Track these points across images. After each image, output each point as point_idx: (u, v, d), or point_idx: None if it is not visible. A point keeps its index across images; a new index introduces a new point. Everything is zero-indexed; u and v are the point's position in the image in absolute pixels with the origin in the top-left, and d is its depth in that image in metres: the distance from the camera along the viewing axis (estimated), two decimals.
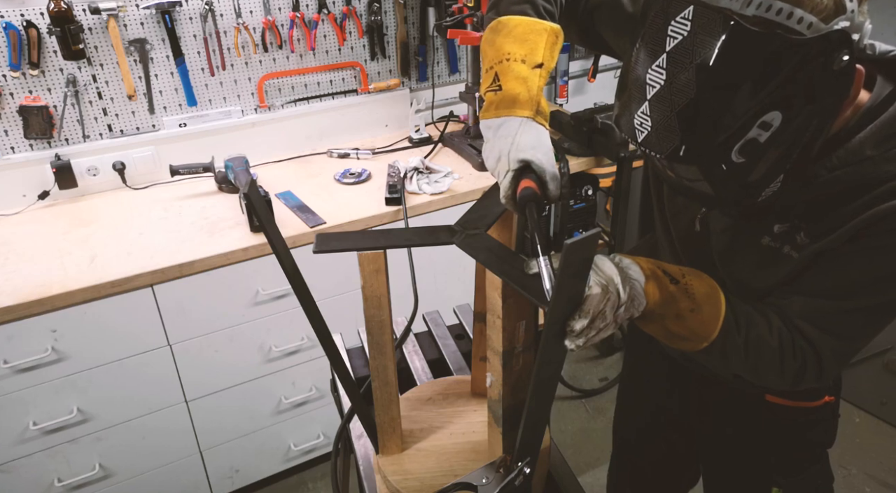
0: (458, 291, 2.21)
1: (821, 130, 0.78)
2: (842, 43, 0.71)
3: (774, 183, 0.80)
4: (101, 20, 1.95)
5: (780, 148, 0.75)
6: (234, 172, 1.97)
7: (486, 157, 0.89)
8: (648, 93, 0.75)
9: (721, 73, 0.70)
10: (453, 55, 2.55)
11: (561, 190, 0.87)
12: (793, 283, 0.93)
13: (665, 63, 0.73)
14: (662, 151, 0.76)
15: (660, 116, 0.74)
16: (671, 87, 0.73)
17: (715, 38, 0.70)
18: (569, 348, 0.76)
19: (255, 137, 2.30)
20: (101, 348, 1.76)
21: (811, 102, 0.73)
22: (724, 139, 0.73)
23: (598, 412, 2.64)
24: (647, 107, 0.75)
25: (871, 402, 2.55)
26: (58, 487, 1.86)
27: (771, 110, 0.71)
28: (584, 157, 2.29)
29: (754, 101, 0.71)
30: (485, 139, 0.90)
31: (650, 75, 0.74)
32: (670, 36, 0.73)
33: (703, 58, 0.70)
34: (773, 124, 0.72)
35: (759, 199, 0.82)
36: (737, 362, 0.91)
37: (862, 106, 0.85)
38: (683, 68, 0.72)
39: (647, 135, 0.76)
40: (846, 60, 0.72)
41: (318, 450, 2.28)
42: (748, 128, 0.72)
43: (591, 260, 0.73)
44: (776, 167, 0.78)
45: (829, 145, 0.84)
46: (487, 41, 0.95)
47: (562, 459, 1.10)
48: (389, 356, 0.94)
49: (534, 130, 0.86)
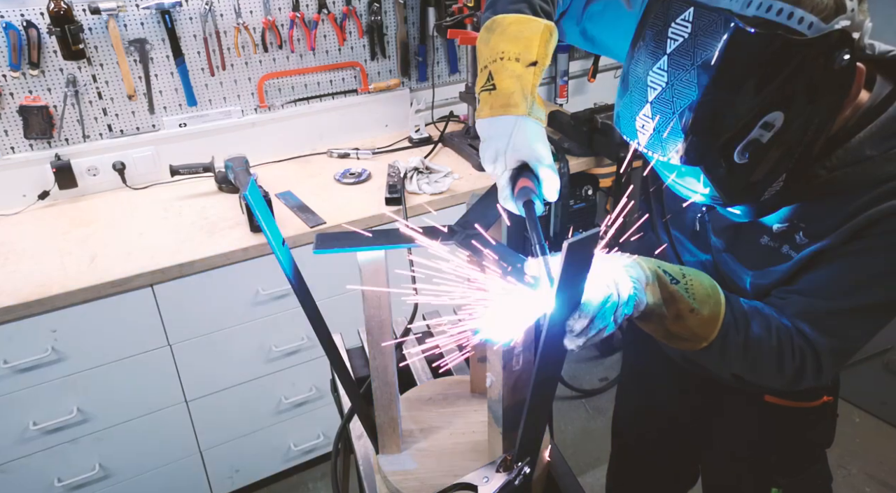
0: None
1: (822, 129, 0.78)
2: (843, 42, 0.71)
3: (777, 182, 0.80)
4: (101, 20, 1.95)
5: (783, 148, 0.75)
6: (234, 172, 1.97)
7: (483, 157, 0.88)
8: (650, 95, 0.75)
9: (722, 74, 0.70)
10: (453, 55, 2.55)
11: (560, 190, 0.87)
12: (791, 283, 0.93)
13: (666, 65, 0.73)
14: (665, 152, 0.76)
15: (661, 118, 0.74)
16: (672, 89, 0.73)
17: (716, 39, 0.70)
18: (569, 348, 0.76)
19: (255, 137, 2.30)
20: (101, 348, 1.76)
21: (813, 101, 0.73)
22: (726, 140, 0.73)
23: (598, 412, 2.64)
24: (648, 109, 0.75)
25: (871, 402, 2.55)
26: (58, 487, 1.86)
27: (773, 110, 0.72)
28: (584, 157, 2.29)
29: (756, 101, 0.71)
30: (481, 139, 0.90)
31: (651, 77, 0.75)
32: (671, 38, 0.73)
33: (704, 59, 0.70)
34: (775, 125, 0.72)
35: (763, 198, 0.82)
36: (736, 362, 0.92)
37: (862, 106, 0.85)
38: (685, 70, 0.72)
39: (649, 137, 0.76)
40: (847, 59, 0.72)
41: (318, 450, 2.28)
42: (750, 128, 0.72)
43: (590, 260, 0.73)
44: (779, 167, 0.78)
45: (829, 145, 0.84)
46: (482, 40, 0.95)
47: (562, 459, 1.10)
48: (389, 356, 0.94)
49: (529, 128, 0.86)
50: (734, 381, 1.02)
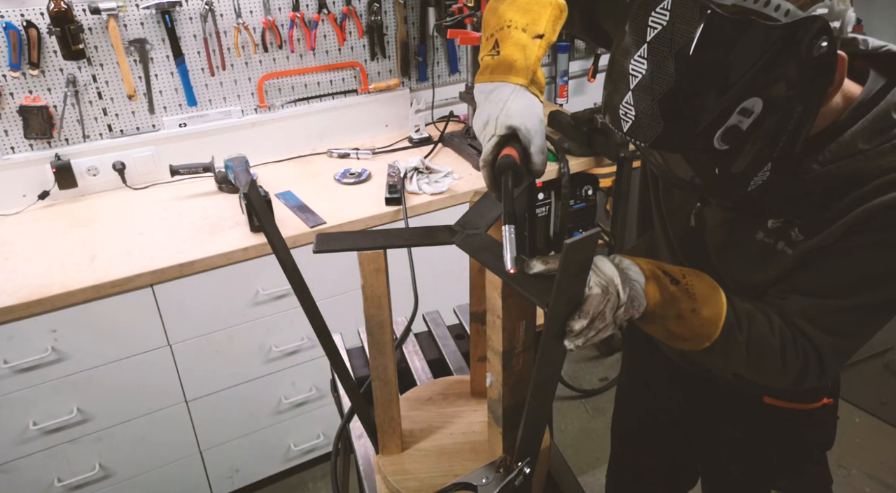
0: (458, 291, 2.20)
1: (807, 118, 0.78)
2: (820, 30, 0.71)
3: (762, 172, 0.80)
4: (101, 20, 1.95)
5: (764, 135, 0.76)
6: (234, 172, 1.97)
7: (475, 120, 0.88)
8: (631, 83, 0.76)
9: (699, 60, 0.71)
10: (453, 55, 2.55)
11: (544, 166, 0.86)
12: (789, 280, 0.93)
13: (646, 53, 0.74)
14: (646, 139, 0.77)
15: (642, 104, 0.75)
16: (652, 75, 0.74)
17: (692, 26, 0.71)
18: (568, 349, 0.76)
19: (255, 137, 2.30)
20: (101, 348, 1.76)
21: (792, 88, 0.74)
22: (705, 126, 0.74)
23: (598, 412, 2.64)
24: (630, 97, 0.76)
25: (871, 402, 2.55)
26: (58, 487, 1.86)
27: (751, 96, 0.72)
28: (584, 157, 2.29)
29: (733, 87, 0.72)
30: (476, 103, 0.89)
31: (632, 65, 0.76)
32: (650, 26, 0.74)
33: (681, 46, 0.72)
34: (753, 111, 0.73)
35: (749, 189, 0.82)
36: (738, 362, 0.91)
37: (854, 100, 0.86)
38: (663, 57, 0.73)
39: (632, 124, 0.77)
40: (825, 47, 0.72)
41: (318, 450, 2.28)
42: (728, 114, 0.73)
43: (591, 260, 0.73)
44: (761, 155, 0.78)
45: (822, 140, 0.84)
46: (490, 10, 0.95)
47: (562, 459, 1.10)
48: (389, 356, 0.94)
49: (526, 98, 0.85)
50: (736, 380, 1.02)
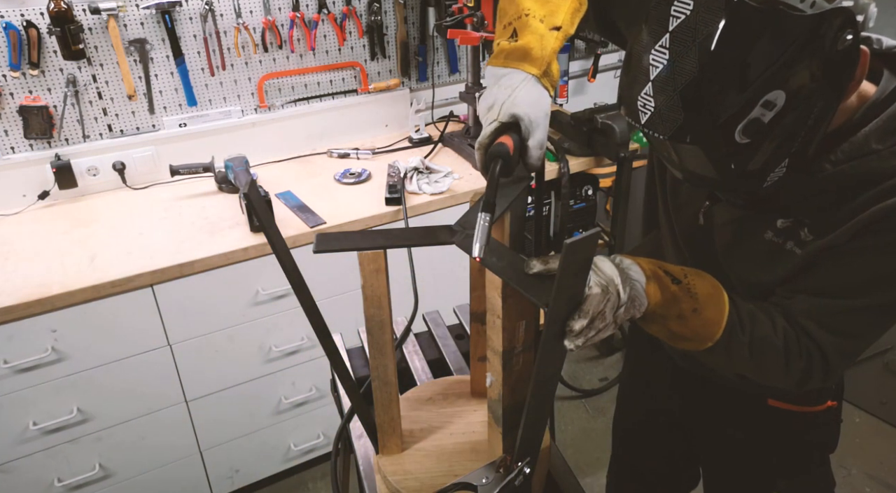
0: (458, 291, 2.20)
1: (826, 114, 0.77)
2: (845, 22, 0.70)
3: (779, 168, 0.79)
4: (101, 20, 1.95)
5: (785, 129, 0.74)
6: (234, 172, 1.97)
7: (480, 102, 0.87)
8: (652, 73, 0.74)
9: (723, 51, 0.70)
10: (453, 55, 2.55)
11: (541, 161, 0.85)
12: (796, 280, 0.92)
13: (668, 43, 0.73)
14: (665, 132, 0.75)
15: (662, 96, 0.74)
16: (674, 66, 0.72)
17: (717, 16, 0.70)
18: (568, 349, 0.76)
19: (255, 137, 2.30)
20: (101, 348, 1.76)
21: (815, 81, 0.72)
22: (727, 119, 0.72)
23: (598, 412, 2.64)
24: (650, 88, 0.75)
25: (871, 402, 2.55)
26: (58, 487, 1.86)
27: (774, 89, 0.71)
28: (584, 157, 2.29)
29: (757, 79, 0.70)
30: (486, 86, 0.88)
31: (653, 56, 0.74)
32: (673, 15, 0.72)
33: (704, 36, 0.70)
34: (776, 103, 0.71)
35: (765, 184, 0.81)
36: (741, 363, 0.90)
37: (868, 100, 0.84)
38: (686, 47, 0.71)
39: (651, 116, 0.76)
40: (850, 40, 0.72)
41: (318, 450, 2.28)
42: (751, 107, 0.71)
43: (591, 260, 0.73)
44: (781, 150, 0.77)
45: (835, 139, 0.83)
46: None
47: (562, 459, 1.10)
48: (389, 356, 0.94)
49: (536, 89, 0.84)
50: (739, 381, 1.01)
